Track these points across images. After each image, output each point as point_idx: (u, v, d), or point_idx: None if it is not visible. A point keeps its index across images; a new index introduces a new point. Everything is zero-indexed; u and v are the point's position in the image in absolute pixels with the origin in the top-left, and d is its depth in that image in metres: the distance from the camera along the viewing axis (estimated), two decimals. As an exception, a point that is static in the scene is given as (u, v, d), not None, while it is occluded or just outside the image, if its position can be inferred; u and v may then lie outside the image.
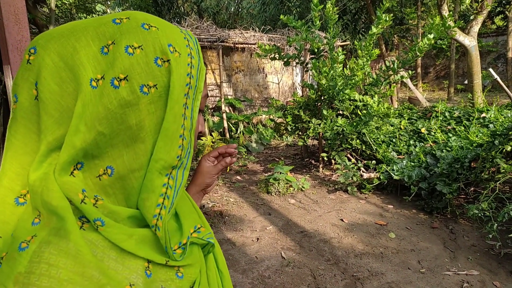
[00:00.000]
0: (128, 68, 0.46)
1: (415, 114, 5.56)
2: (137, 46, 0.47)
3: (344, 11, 11.91)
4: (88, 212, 0.45)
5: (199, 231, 0.59)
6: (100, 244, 0.45)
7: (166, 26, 0.50)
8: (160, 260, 0.50)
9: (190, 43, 0.52)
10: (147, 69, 0.46)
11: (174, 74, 0.48)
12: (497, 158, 3.42)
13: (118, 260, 0.46)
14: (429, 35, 4.59)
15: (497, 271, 2.79)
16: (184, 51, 0.50)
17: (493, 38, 15.94)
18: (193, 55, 0.52)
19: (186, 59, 0.50)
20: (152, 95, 0.47)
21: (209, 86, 7.95)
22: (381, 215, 3.90)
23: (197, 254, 0.58)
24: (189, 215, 0.61)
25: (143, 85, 0.46)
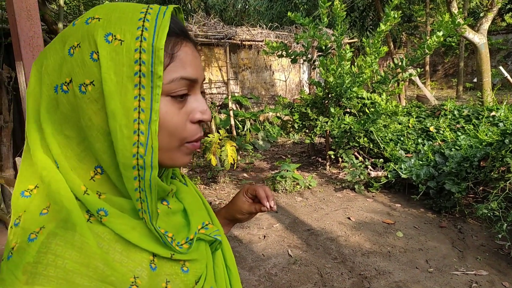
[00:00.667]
0: (70, 70, 0.45)
1: (424, 112, 5.51)
2: (76, 44, 0.45)
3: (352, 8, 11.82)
4: (91, 203, 0.46)
5: (206, 228, 0.60)
6: (106, 237, 0.46)
7: (114, 12, 0.46)
8: (165, 253, 0.50)
9: (147, 23, 0.45)
10: (83, 67, 0.44)
11: (106, 65, 0.44)
12: (507, 157, 3.38)
13: (123, 253, 0.47)
14: (438, 33, 4.54)
15: (506, 272, 2.76)
16: (130, 36, 0.45)
17: (503, 35, 15.73)
18: (145, 36, 0.45)
19: (132, 44, 0.44)
20: (90, 93, 0.44)
21: (216, 83, 7.95)
22: (389, 214, 3.88)
23: (204, 250, 0.58)
24: (197, 212, 0.61)
25: (81, 85, 0.45)
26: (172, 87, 0.48)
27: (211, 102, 7.82)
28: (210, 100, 7.87)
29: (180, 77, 0.48)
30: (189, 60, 0.50)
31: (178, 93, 0.49)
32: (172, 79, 0.47)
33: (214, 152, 4.67)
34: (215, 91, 7.99)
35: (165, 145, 0.49)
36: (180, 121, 0.50)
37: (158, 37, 0.45)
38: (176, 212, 0.57)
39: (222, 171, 5.09)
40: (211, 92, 7.90)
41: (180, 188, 0.62)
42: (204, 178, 5.18)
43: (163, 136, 0.48)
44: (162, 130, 0.48)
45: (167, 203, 0.56)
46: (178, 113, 0.49)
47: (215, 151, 4.67)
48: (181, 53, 0.49)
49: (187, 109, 0.51)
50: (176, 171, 0.67)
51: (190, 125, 0.51)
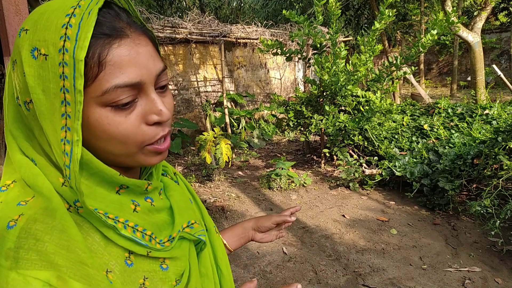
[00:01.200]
0: (15, 84, 0.46)
1: (418, 110, 5.53)
2: (14, 60, 0.45)
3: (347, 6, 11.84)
4: (68, 194, 0.46)
5: (192, 227, 0.58)
6: (84, 225, 0.46)
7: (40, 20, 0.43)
8: (141, 251, 0.49)
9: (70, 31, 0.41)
10: (21, 84, 0.44)
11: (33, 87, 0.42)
12: (500, 155, 3.41)
13: (101, 244, 0.47)
14: (433, 31, 4.56)
15: (499, 268, 2.78)
16: (54, 49, 0.41)
17: (497, 34, 15.83)
18: (67, 47, 0.41)
19: (56, 58, 0.41)
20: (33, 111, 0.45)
21: (211, 81, 7.93)
22: (383, 211, 3.90)
23: (187, 248, 0.57)
24: (184, 210, 0.59)
25: (25, 102, 0.45)
26: (108, 98, 0.44)
27: (206, 100, 7.80)
28: (205, 98, 7.85)
29: (114, 86, 0.43)
30: (125, 61, 0.45)
31: (119, 103, 0.45)
32: (106, 90, 0.43)
33: (208, 150, 4.66)
34: (210, 89, 7.96)
35: (122, 152, 0.48)
36: (129, 127, 0.46)
37: (78, 46, 0.41)
38: (161, 209, 0.56)
39: (217, 169, 5.08)
40: (206, 90, 7.88)
41: (170, 185, 0.62)
42: (199, 176, 5.17)
43: (115, 145, 0.47)
44: (111, 139, 0.46)
45: (151, 200, 0.55)
46: (125, 120, 0.46)
47: (209, 149, 4.65)
48: (113, 57, 0.44)
49: (139, 113, 0.47)
50: (168, 169, 0.66)
51: (146, 128, 0.48)
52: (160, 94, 0.50)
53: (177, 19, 6.74)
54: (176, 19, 6.74)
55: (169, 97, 0.52)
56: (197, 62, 7.57)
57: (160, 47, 6.81)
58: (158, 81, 0.49)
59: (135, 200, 0.52)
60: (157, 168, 0.60)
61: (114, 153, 0.48)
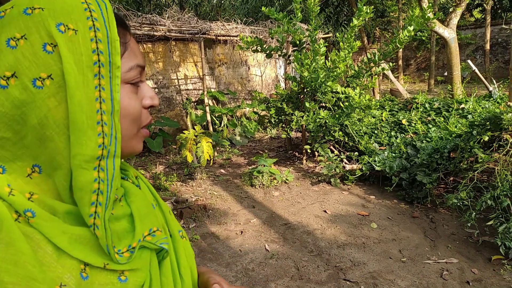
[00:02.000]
0: (13, 63, 0.42)
1: (396, 105, 5.62)
2: (20, 36, 0.42)
3: (326, 3, 11.92)
4: (17, 203, 0.43)
5: (154, 235, 0.56)
6: (35, 237, 0.44)
7: (56, 2, 0.44)
8: (97, 262, 0.47)
9: (95, 14, 0.45)
10: (36, 60, 0.42)
11: (68, 57, 0.42)
12: (475, 148, 3.50)
13: (53, 256, 0.44)
14: (409, 27, 4.63)
15: (475, 259, 2.86)
16: (83, 26, 0.44)
17: (472, 30, 16.23)
18: (98, 27, 0.44)
19: (87, 34, 0.44)
20: (48, 88, 0.42)
21: (192, 78, 7.86)
22: (364, 205, 3.95)
23: (148, 258, 0.54)
24: (145, 217, 0.56)
25: (35, 79, 0.42)
26: (131, 75, 0.50)
27: (187, 98, 7.73)
28: (186, 96, 7.78)
29: (136, 64, 0.51)
30: (136, 48, 0.53)
31: (135, 81, 0.51)
32: (131, 67, 0.50)
33: (190, 149, 4.62)
34: (191, 87, 7.89)
35: (126, 132, 0.51)
36: (138, 107, 0.52)
37: (111, 27, 0.46)
38: (120, 217, 0.53)
39: (198, 168, 5.05)
40: (186, 88, 7.81)
41: (130, 190, 0.58)
42: (180, 175, 5.12)
43: (126, 123, 0.50)
44: (125, 117, 0.50)
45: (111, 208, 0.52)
46: (136, 98, 0.52)
47: (190, 148, 4.62)
48: (131, 42, 0.52)
49: (140, 95, 0.53)
50: (129, 172, 0.63)
51: (143, 110, 0.54)
52: None
53: (156, 16, 6.64)
54: (155, 16, 6.63)
55: None
56: (177, 60, 7.49)
57: (138, 44, 6.72)
58: None
59: None
60: None
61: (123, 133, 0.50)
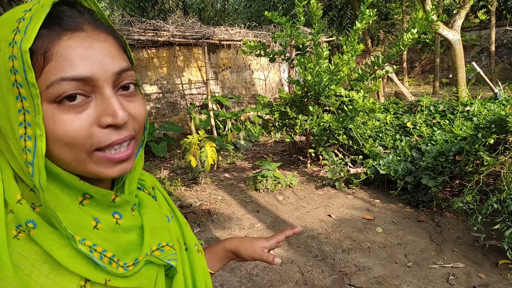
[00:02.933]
0: None
1: (401, 108, 5.60)
2: None
3: (329, 6, 11.92)
4: (21, 213, 0.42)
5: (162, 250, 0.53)
6: (31, 257, 0.42)
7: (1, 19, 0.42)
8: (98, 279, 0.45)
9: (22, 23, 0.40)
10: None
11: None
12: (480, 151, 3.46)
13: (50, 276, 0.42)
14: (413, 30, 4.62)
15: (482, 263, 2.83)
16: (5, 42, 0.40)
17: (476, 32, 16.15)
18: (16, 40, 0.39)
19: (7, 51, 0.40)
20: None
21: (196, 83, 7.89)
22: (368, 209, 3.92)
23: (153, 276, 0.52)
24: (156, 230, 0.54)
25: None
26: (53, 92, 0.41)
27: (191, 102, 7.75)
28: (190, 101, 7.81)
29: (59, 78, 0.41)
30: (75, 55, 0.42)
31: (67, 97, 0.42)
32: (51, 83, 0.41)
33: (194, 154, 4.62)
34: (195, 92, 7.92)
35: (70, 158, 0.44)
36: (77, 127, 0.42)
37: (25, 37, 0.39)
38: (129, 229, 0.51)
39: (203, 172, 5.05)
40: (191, 92, 7.83)
41: (145, 201, 0.56)
42: (185, 180, 5.12)
43: (62, 148, 0.43)
44: (58, 140, 0.42)
45: (119, 216, 0.50)
46: (74, 119, 0.42)
47: (195, 152, 4.62)
48: (61, 48, 0.42)
49: (91, 114, 0.44)
50: (146, 182, 0.60)
51: (97, 130, 0.44)
52: (122, 96, 0.47)
53: (160, 21, 6.69)
54: (159, 21, 6.68)
55: (136, 102, 0.48)
56: (181, 65, 7.52)
57: (143, 50, 6.77)
58: (118, 81, 0.46)
59: (96, 218, 0.47)
60: (131, 180, 0.54)
61: (63, 159, 0.44)
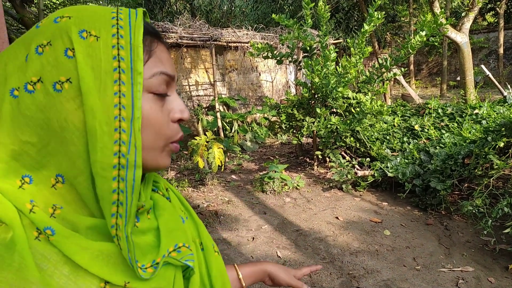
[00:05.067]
0: (39, 69, 0.43)
1: (408, 111, 5.57)
2: (46, 43, 0.43)
3: (336, 8, 11.92)
4: (38, 221, 0.42)
5: (179, 251, 0.53)
6: (52, 258, 0.42)
7: (84, 11, 0.46)
8: (118, 281, 0.45)
9: (121, 22, 0.46)
10: (57, 64, 0.42)
11: (83, 61, 0.43)
12: (490, 154, 3.44)
13: (71, 277, 0.43)
14: (421, 32, 4.60)
15: (492, 267, 2.80)
16: (106, 32, 0.44)
17: (485, 34, 16.05)
18: (121, 34, 0.45)
19: (109, 40, 0.44)
20: (67, 91, 0.42)
21: (203, 85, 7.92)
22: (376, 212, 3.91)
23: (171, 277, 0.52)
24: (172, 231, 0.54)
25: (55, 83, 0.42)
26: (153, 83, 0.48)
27: (198, 104, 7.78)
28: (197, 102, 7.83)
29: (160, 71, 0.48)
30: (165, 57, 0.50)
31: (159, 91, 0.48)
32: (153, 74, 0.48)
33: (201, 155, 4.64)
34: (202, 93, 7.95)
35: (150, 144, 0.48)
36: (164, 119, 0.49)
37: (135, 35, 0.45)
38: (146, 231, 0.52)
39: (210, 174, 5.06)
40: (198, 94, 7.86)
41: (160, 203, 0.57)
42: (192, 181, 5.14)
43: (148, 135, 0.48)
44: (147, 128, 0.47)
45: (137, 220, 0.51)
46: (161, 111, 0.49)
47: (202, 154, 4.64)
48: (158, 50, 0.49)
49: (168, 108, 0.50)
50: (160, 184, 0.62)
51: (171, 124, 0.51)
52: None
53: (167, 23, 6.73)
54: (167, 23, 6.72)
55: None
56: (188, 66, 7.55)
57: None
58: None
59: None
60: (146, 186, 0.55)
61: (148, 145, 0.48)
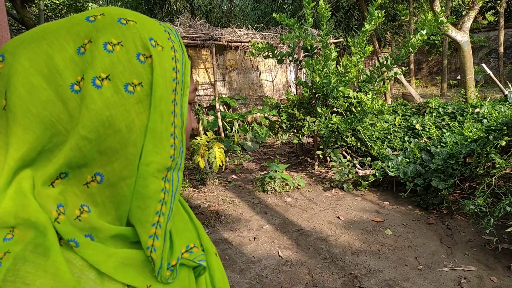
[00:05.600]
0: (108, 66, 0.42)
1: (409, 110, 5.57)
2: (116, 42, 0.44)
3: (336, 8, 11.91)
4: (62, 233, 0.41)
5: (191, 251, 0.54)
6: (78, 263, 0.42)
7: (144, 19, 0.48)
8: (141, 285, 0.46)
9: (172, 36, 0.49)
10: (129, 67, 0.44)
11: (158, 69, 0.45)
12: (492, 153, 3.43)
13: (97, 281, 0.43)
14: (422, 31, 4.59)
15: (494, 266, 2.80)
16: (166, 45, 0.48)
17: (485, 33, 16.03)
18: (176, 48, 0.49)
19: (169, 52, 0.48)
20: (138, 94, 0.44)
21: (203, 84, 7.91)
22: (377, 212, 3.90)
23: (186, 277, 0.53)
24: (183, 233, 0.55)
25: (128, 84, 0.43)
26: (192, 96, 0.55)
27: (199, 104, 7.77)
28: (198, 102, 7.82)
29: (194, 87, 0.56)
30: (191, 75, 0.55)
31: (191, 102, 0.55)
32: (193, 89, 0.55)
33: (202, 154, 4.63)
34: (202, 93, 7.94)
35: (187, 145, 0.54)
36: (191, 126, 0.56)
37: (184, 51, 0.51)
38: None
39: (210, 173, 5.05)
40: (198, 94, 7.85)
41: None
42: (192, 181, 5.13)
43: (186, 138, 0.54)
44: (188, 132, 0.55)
45: None
46: (190, 118, 0.56)
47: (203, 153, 4.63)
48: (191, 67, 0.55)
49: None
50: None
51: None
52: None
53: (168, 23, 6.73)
54: (167, 23, 6.72)
55: None
56: (188, 66, 7.54)
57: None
58: None
59: None
60: None
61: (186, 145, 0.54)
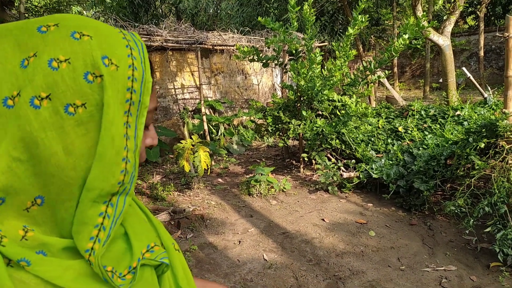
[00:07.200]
0: (51, 85, 0.40)
1: (393, 113, 5.65)
2: (64, 59, 0.41)
3: (321, 12, 12.03)
4: (9, 254, 0.40)
5: (152, 251, 0.54)
6: (31, 282, 0.41)
7: (103, 33, 0.44)
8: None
9: (134, 52, 0.46)
10: (73, 86, 0.41)
11: (109, 90, 0.42)
12: (471, 155, 3.51)
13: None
14: (404, 35, 4.68)
15: (473, 266, 2.86)
16: (123, 63, 0.44)
17: (466, 37, 16.41)
18: (136, 66, 0.46)
19: (126, 72, 0.44)
20: (79, 116, 0.41)
21: (189, 88, 7.88)
22: (361, 213, 3.94)
23: (149, 277, 0.53)
24: (141, 234, 0.54)
25: (69, 105, 0.41)
26: (149, 116, 0.52)
27: (184, 107, 7.74)
28: (183, 106, 7.79)
29: (154, 108, 0.53)
30: (155, 91, 0.53)
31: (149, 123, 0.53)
32: (152, 108, 0.52)
33: (187, 158, 4.61)
34: (188, 96, 7.91)
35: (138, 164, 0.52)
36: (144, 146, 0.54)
37: (146, 69, 0.47)
38: (116, 238, 0.51)
39: (196, 177, 5.03)
40: (183, 97, 7.82)
41: None
42: (178, 185, 5.10)
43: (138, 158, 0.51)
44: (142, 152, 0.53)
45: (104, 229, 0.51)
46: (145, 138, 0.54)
47: (188, 157, 4.61)
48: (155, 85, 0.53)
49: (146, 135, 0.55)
50: None
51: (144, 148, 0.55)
52: None
53: (153, 26, 6.68)
54: (152, 26, 6.68)
55: None
56: (174, 70, 7.51)
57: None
58: None
59: None
60: None
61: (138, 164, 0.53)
